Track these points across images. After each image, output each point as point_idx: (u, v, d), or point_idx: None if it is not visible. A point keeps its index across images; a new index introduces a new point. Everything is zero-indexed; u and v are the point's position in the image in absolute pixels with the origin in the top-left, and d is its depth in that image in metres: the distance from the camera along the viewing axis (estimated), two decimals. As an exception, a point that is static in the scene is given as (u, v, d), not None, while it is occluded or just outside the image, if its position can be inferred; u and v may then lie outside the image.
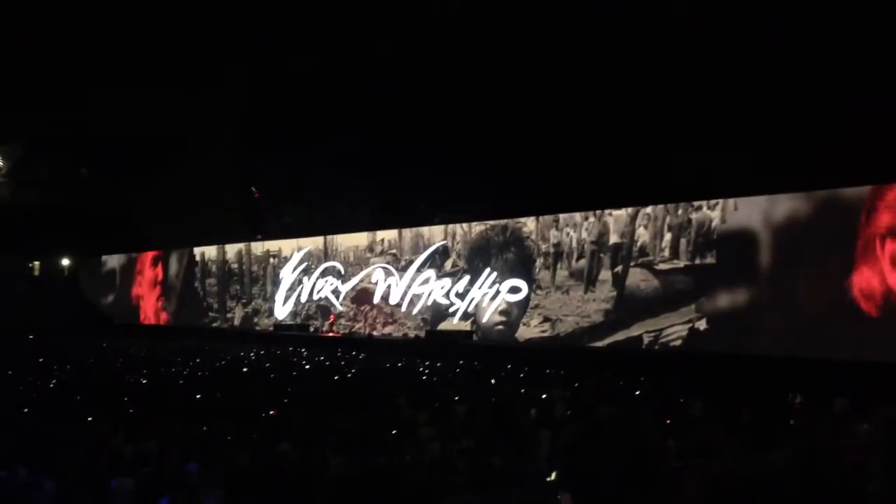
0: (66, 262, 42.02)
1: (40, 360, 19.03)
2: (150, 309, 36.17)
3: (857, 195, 15.91)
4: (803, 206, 16.64)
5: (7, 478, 6.14)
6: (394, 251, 25.90)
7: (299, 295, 28.63)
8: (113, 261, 38.93)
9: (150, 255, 36.48)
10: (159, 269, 35.91)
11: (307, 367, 17.47)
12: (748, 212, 17.40)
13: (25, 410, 10.08)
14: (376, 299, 25.98)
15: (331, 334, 26.48)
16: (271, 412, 9.53)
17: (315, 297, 28.04)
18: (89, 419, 8.79)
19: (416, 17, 25.48)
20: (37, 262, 42.02)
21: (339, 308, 27.19)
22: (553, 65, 24.39)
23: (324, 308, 27.86)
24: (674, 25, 21.25)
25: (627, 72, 23.14)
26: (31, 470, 6.33)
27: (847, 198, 16.08)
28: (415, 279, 24.72)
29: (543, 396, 10.92)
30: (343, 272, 27.31)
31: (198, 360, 18.82)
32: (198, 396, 11.50)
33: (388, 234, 26.23)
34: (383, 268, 25.87)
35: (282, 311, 29.24)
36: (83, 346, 24.99)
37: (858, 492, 3.13)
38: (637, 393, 11.99)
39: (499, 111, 25.49)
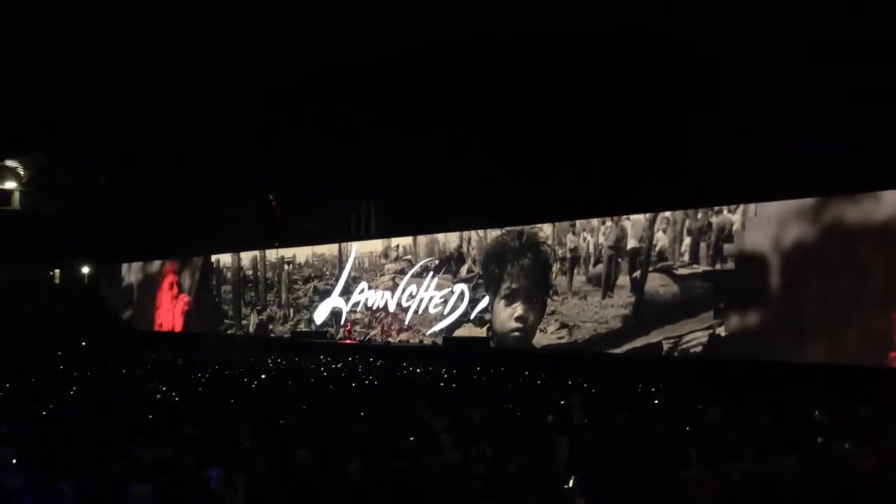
0: (85, 269, 42.42)
1: (60, 367, 19.18)
2: (168, 316, 36.37)
3: (880, 199, 15.74)
4: (824, 211, 16.46)
5: (27, 484, 6.18)
6: (408, 257, 25.89)
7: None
8: (131, 268, 39.19)
9: (167, 262, 36.71)
10: (176, 276, 36.12)
11: (325, 373, 17.50)
12: (769, 216, 17.24)
13: (46, 417, 10.14)
14: (391, 307, 25.98)
15: (348, 341, 26.53)
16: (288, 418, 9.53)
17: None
18: (108, 427, 8.84)
19: (434, 18, 25.50)
20: (57, 271, 42.46)
21: (357, 314, 27.23)
22: (570, 68, 24.34)
23: (337, 315, 27.89)
24: (694, 27, 21.13)
25: (646, 75, 23.05)
26: (50, 476, 6.36)
27: (871, 202, 15.90)
28: (430, 285, 24.72)
29: (562, 403, 10.88)
30: (357, 278, 27.36)
31: (216, 367, 18.90)
32: (216, 402, 11.52)
33: (403, 241, 26.22)
34: (398, 274, 25.90)
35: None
36: (103, 353, 25.14)
37: (875, 497, 3.09)
38: (656, 401, 11.90)
39: (516, 115, 25.48)
